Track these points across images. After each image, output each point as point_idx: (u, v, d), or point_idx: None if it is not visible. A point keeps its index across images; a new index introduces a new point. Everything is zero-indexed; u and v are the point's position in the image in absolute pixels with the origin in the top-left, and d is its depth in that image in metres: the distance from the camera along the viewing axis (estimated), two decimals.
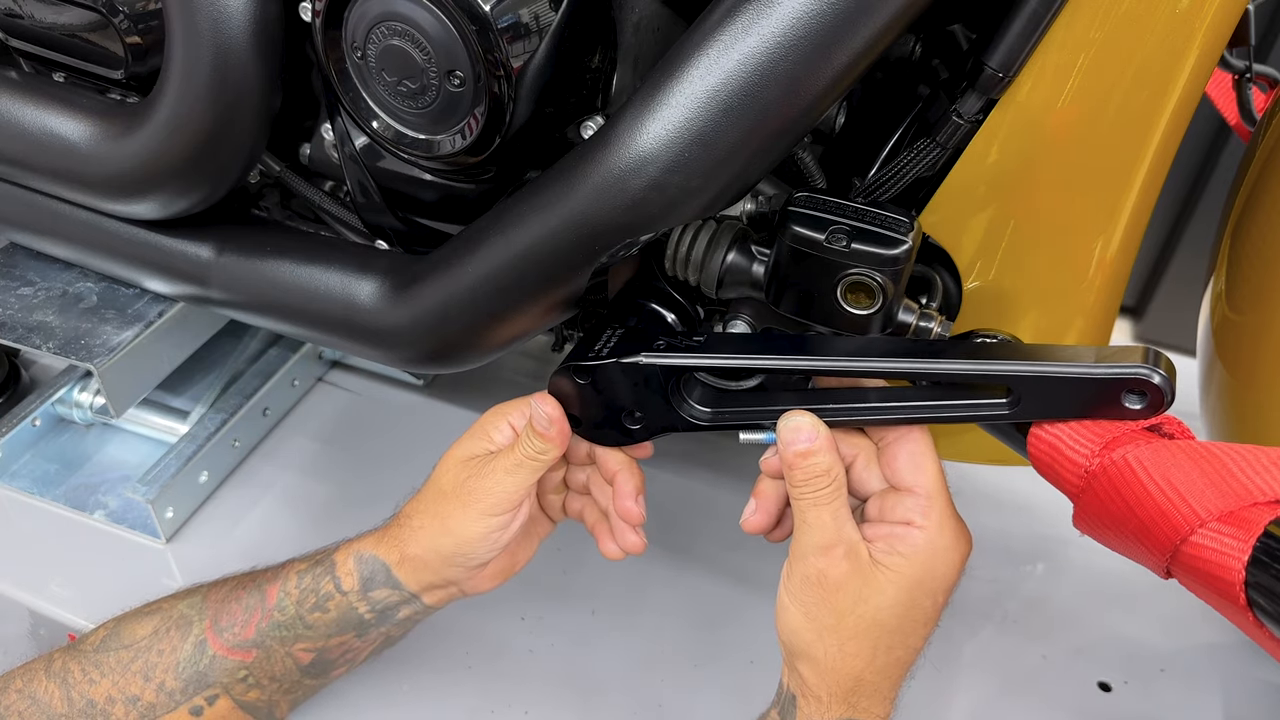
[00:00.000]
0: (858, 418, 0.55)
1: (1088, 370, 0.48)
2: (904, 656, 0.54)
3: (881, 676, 0.54)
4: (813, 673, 0.54)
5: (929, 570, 0.52)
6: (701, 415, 0.58)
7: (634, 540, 0.63)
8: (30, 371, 1.02)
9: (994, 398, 0.52)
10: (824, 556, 0.52)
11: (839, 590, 0.52)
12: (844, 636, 0.52)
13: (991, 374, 0.51)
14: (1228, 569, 0.43)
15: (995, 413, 0.52)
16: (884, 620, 0.52)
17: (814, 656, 0.53)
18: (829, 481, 0.53)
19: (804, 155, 0.61)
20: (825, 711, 0.54)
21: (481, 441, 0.62)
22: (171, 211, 0.69)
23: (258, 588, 0.64)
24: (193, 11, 0.58)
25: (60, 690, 0.61)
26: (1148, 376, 0.47)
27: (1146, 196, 0.57)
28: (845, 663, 0.53)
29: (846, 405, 0.55)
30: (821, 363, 0.54)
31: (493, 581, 0.65)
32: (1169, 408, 0.48)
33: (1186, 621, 0.84)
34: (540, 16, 0.53)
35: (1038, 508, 0.93)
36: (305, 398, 1.03)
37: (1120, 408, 0.49)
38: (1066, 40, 0.52)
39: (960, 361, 0.51)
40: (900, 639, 0.53)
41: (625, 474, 0.62)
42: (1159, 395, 0.48)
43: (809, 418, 0.53)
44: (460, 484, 0.60)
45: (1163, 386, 0.47)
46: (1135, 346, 0.49)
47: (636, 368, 0.57)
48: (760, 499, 0.58)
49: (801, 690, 0.55)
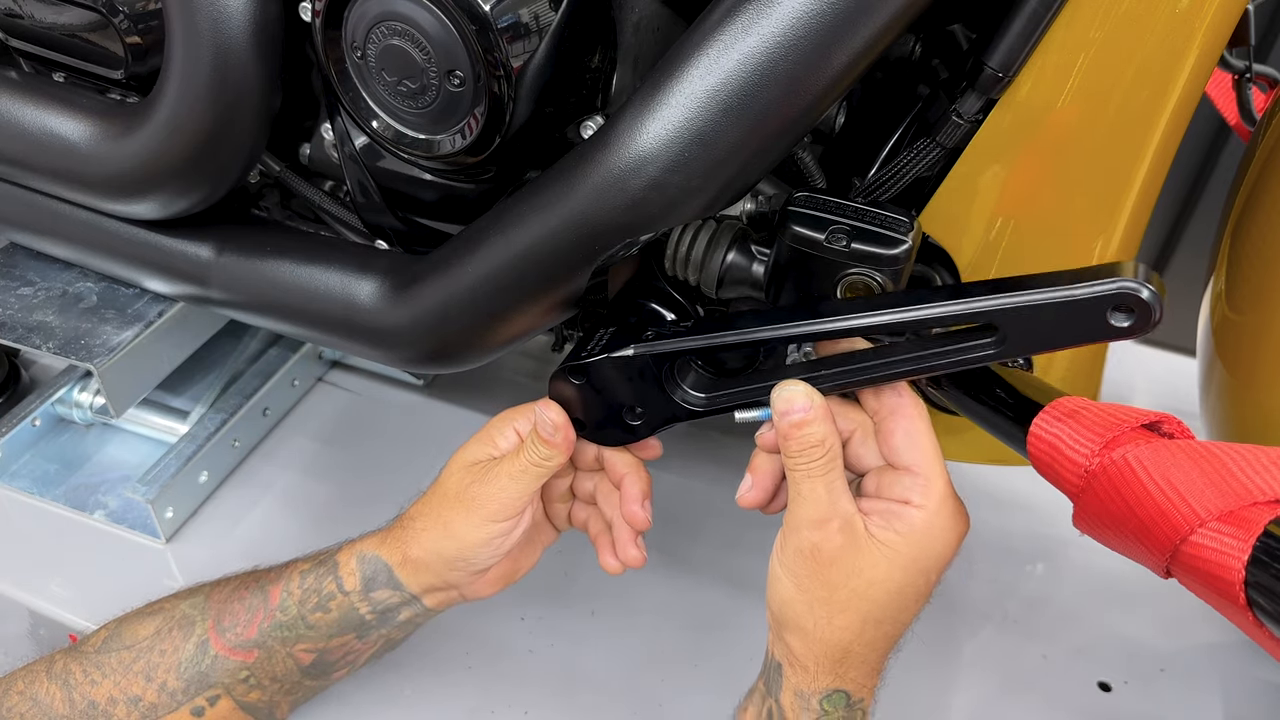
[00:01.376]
0: (850, 380, 0.54)
1: (1069, 293, 0.46)
2: (892, 631, 0.54)
3: (870, 649, 0.54)
4: (801, 643, 0.54)
5: (925, 549, 0.52)
6: (698, 401, 0.58)
7: (634, 554, 0.63)
8: (30, 371, 1.02)
9: (981, 338, 0.50)
10: (818, 530, 0.52)
11: (832, 564, 0.52)
12: (834, 609, 0.52)
13: (974, 311, 0.49)
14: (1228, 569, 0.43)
15: (983, 353, 0.50)
16: (876, 596, 0.52)
17: (803, 627, 0.53)
18: (824, 452, 0.52)
19: (804, 155, 0.61)
20: (812, 681, 0.54)
21: (486, 447, 0.62)
22: (171, 211, 0.69)
23: (260, 588, 0.64)
24: (193, 11, 0.58)
25: (62, 691, 0.61)
26: (1134, 290, 0.45)
27: (1146, 196, 0.57)
28: (834, 635, 0.53)
29: (838, 369, 0.54)
30: (806, 327, 0.53)
31: (494, 587, 0.65)
32: (1158, 324, 0.46)
33: (1186, 621, 0.84)
34: (540, 16, 0.53)
35: (1038, 508, 0.93)
36: (305, 398, 1.03)
37: (1107, 326, 0.46)
38: (1066, 40, 0.52)
39: (942, 304, 0.50)
40: (891, 614, 0.53)
41: (633, 477, 0.62)
42: (1147, 310, 0.45)
43: (803, 387, 0.53)
44: (464, 489, 0.60)
45: (1150, 301, 0.45)
46: (1120, 263, 0.47)
47: (629, 360, 0.56)
48: (756, 474, 0.57)
49: (789, 660, 0.55)
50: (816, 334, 0.53)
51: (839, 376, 0.54)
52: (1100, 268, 0.47)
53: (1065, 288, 0.47)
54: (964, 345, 0.51)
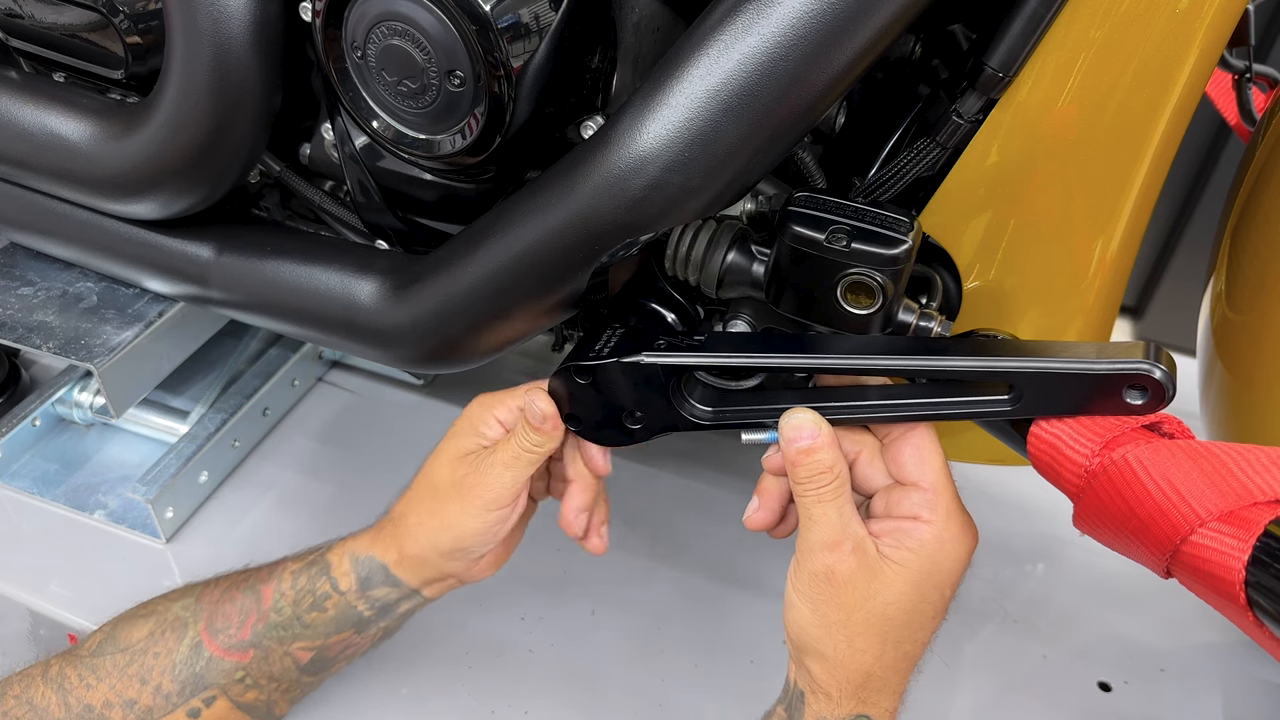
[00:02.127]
0: (859, 415, 0.55)
1: (1089, 366, 0.48)
2: (912, 650, 0.54)
3: (890, 671, 0.54)
4: (822, 669, 0.54)
5: (936, 564, 0.52)
6: (703, 415, 0.58)
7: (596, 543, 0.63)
8: (30, 371, 1.02)
9: (995, 394, 0.52)
10: (831, 553, 0.52)
11: (847, 586, 0.52)
12: (853, 632, 0.53)
13: (993, 371, 0.51)
14: (1228, 569, 0.43)
15: (997, 409, 0.52)
16: (892, 615, 0.52)
17: (823, 653, 0.53)
18: (833, 478, 0.53)
19: (804, 155, 0.61)
20: (836, 708, 0.54)
21: (473, 438, 0.62)
22: (171, 211, 0.69)
23: (251, 588, 0.64)
24: (193, 11, 0.58)
25: (57, 696, 0.61)
26: (1149, 372, 0.47)
27: (1146, 196, 0.57)
28: (855, 658, 0.53)
29: (847, 403, 0.55)
30: (822, 361, 0.54)
31: (490, 569, 0.66)
32: (1170, 403, 0.48)
33: (1186, 621, 0.84)
34: (540, 16, 0.53)
35: (1038, 507, 0.93)
36: (305, 398, 1.03)
37: (1121, 403, 0.49)
38: (1066, 40, 0.52)
39: (961, 359, 0.51)
40: (909, 633, 0.53)
41: (577, 487, 0.62)
42: (1160, 390, 0.48)
43: (810, 414, 0.53)
44: (458, 480, 0.60)
45: (1164, 381, 0.47)
46: (1136, 343, 0.49)
47: (638, 367, 0.56)
48: (763, 496, 0.58)
49: (810, 687, 0.55)
50: (833, 369, 0.54)
51: (848, 410, 0.55)
52: (1120, 345, 0.50)
53: (1086, 361, 0.49)
54: (980, 399, 0.52)
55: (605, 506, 0.64)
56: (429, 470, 0.63)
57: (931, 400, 0.53)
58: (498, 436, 0.61)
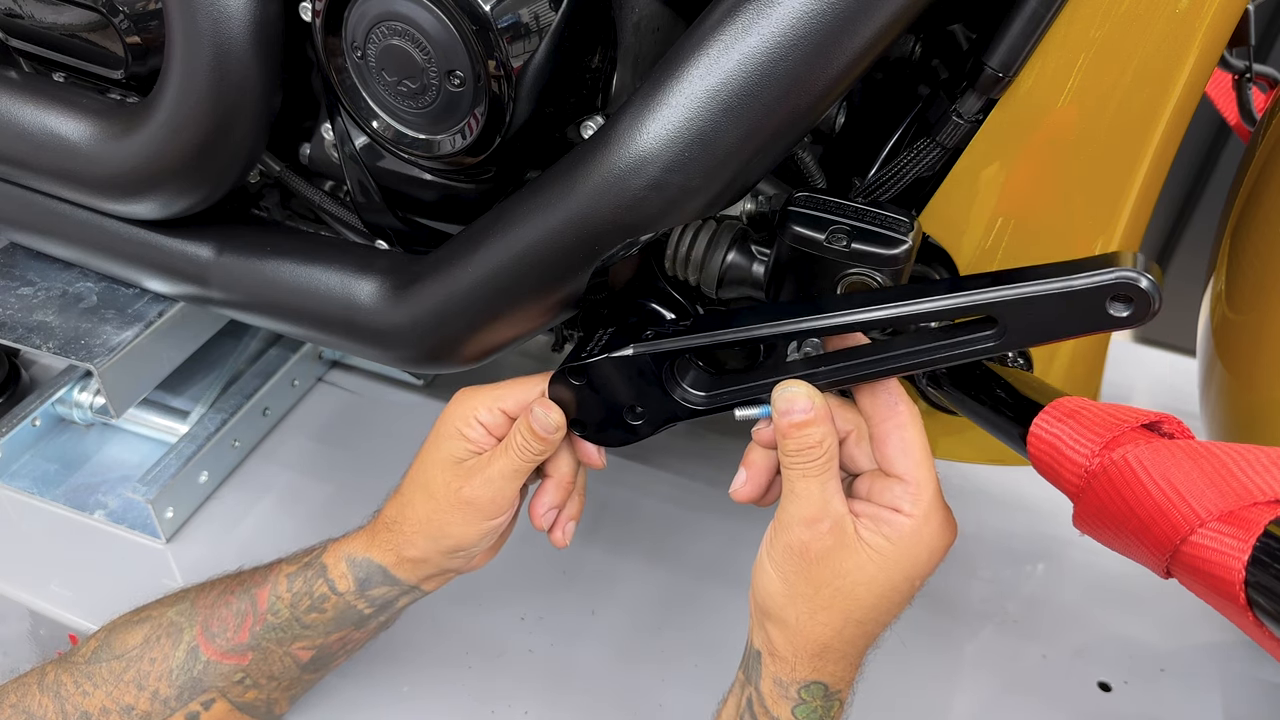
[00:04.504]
0: (850, 375, 0.53)
1: (1068, 283, 0.46)
2: (872, 630, 0.55)
3: (849, 645, 0.54)
4: (781, 635, 0.54)
5: (912, 557, 0.52)
6: (699, 399, 0.58)
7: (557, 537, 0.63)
8: (30, 371, 1.02)
9: (981, 330, 0.50)
10: (809, 529, 0.52)
11: (819, 563, 0.52)
12: (817, 605, 0.53)
13: (974, 304, 0.49)
14: (1228, 569, 0.43)
15: (983, 345, 0.50)
16: (860, 596, 0.52)
17: (785, 620, 0.54)
18: (822, 453, 0.52)
19: (804, 155, 0.61)
20: (791, 671, 0.54)
21: (461, 443, 0.61)
22: (171, 211, 0.69)
23: (246, 592, 0.64)
24: (193, 11, 0.58)
25: (54, 704, 0.61)
26: (1133, 280, 0.45)
27: (1146, 196, 0.57)
28: (815, 630, 0.53)
29: (837, 365, 0.54)
30: (806, 323, 0.53)
31: (487, 559, 0.66)
32: (1157, 314, 0.46)
33: (1186, 621, 0.84)
34: (540, 16, 0.53)
35: (1038, 508, 0.93)
36: (305, 398, 1.03)
37: (1107, 316, 0.46)
38: (1066, 40, 0.52)
39: (942, 297, 0.50)
40: (873, 615, 0.53)
41: (552, 483, 0.62)
42: (1146, 299, 0.45)
43: (805, 387, 0.53)
44: (455, 493, 0.60)
45: (1149, 290, 0.45)
46: (1118, 253, 0.47)
47: (628, 360, 0.56)
48: (750, 469, 0.57)
49: (768, 649, 0.55)
50: (816, 330, 0.53)
51: (838, 372, 0.54)
52: (1099, 258, 0.47)
53: (1064, 278, 0.46)
54: (964, 339, 0.51)
55: (578, 503, 0.64)
56: (422, 477, 0.62)
57: (918, 347, 0.52)
58: (481, 438, 0.60)
